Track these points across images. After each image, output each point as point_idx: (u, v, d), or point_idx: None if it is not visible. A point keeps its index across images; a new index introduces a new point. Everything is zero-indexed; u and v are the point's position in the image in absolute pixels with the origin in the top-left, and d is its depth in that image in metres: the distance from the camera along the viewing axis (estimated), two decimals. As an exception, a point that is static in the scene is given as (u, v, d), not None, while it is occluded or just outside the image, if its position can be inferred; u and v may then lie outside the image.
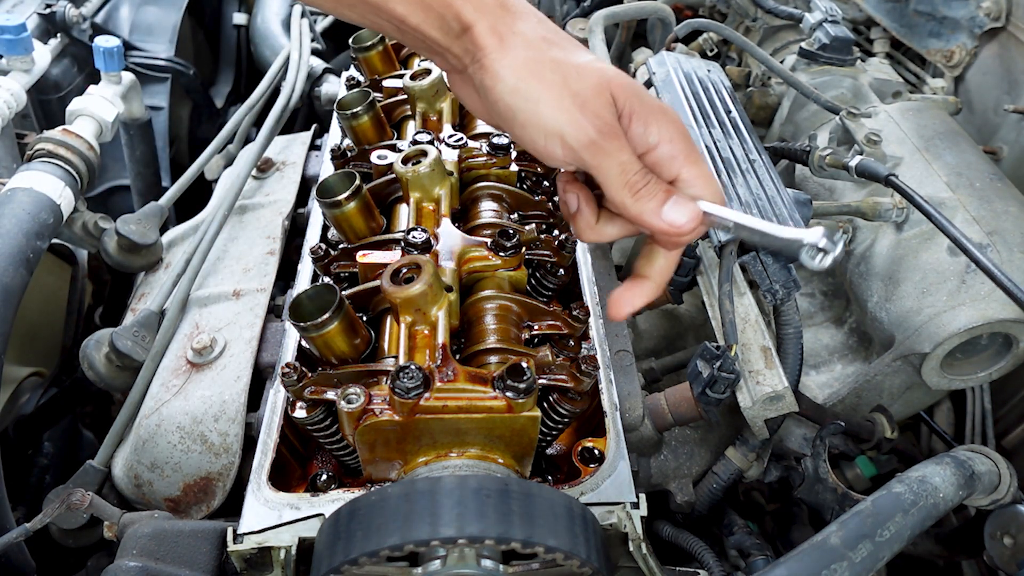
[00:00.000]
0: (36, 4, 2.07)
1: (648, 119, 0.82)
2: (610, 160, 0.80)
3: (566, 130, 0.78)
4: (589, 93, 0.79)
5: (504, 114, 0.81)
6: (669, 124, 0.83)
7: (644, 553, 0.97)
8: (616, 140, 0.80)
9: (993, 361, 1.36)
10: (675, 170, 0.83)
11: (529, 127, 0.80)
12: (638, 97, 0.82)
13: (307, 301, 0.99)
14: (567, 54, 0.81)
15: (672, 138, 0.82)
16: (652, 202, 0.81)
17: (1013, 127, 1.84)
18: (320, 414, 1.01)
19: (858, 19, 2.22)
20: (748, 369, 1.19)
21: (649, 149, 0.82)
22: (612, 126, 0.80)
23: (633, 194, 0.81)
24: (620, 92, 0.81)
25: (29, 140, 1.61)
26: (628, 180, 0.80)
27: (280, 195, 1.62)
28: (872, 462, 1.41)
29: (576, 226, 0.89)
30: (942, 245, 1.37)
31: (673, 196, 0.82)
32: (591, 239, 0.89)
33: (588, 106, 0.79)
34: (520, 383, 0.91)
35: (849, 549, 0.95)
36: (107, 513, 1.10)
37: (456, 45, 0.80)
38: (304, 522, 0.97)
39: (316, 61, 2.12)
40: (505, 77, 0.79)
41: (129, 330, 1.31)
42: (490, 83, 0.80)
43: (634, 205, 0.81)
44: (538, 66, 0.79)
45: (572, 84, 0.79)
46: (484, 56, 0.79)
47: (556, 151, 0.80)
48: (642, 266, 0.90)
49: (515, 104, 0.79)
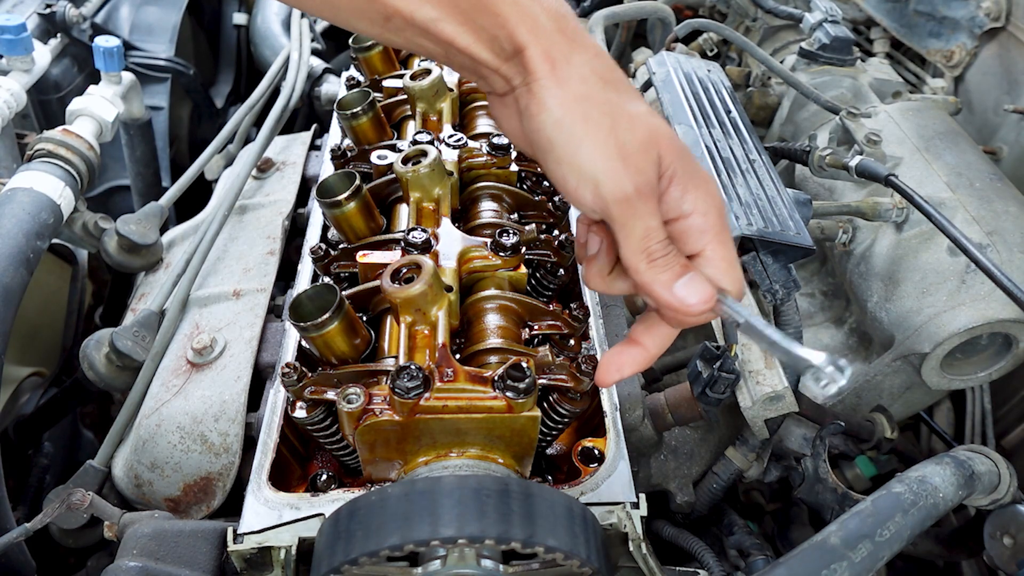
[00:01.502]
0: (36, 4, 2.07)
1: (688, 185, 0.78)
2: (637, 222, 0.76)
3: (602, 179, 0.74)
4: (636, 146, 0.75)
5: (542, 145, 0.77)
6: (708, 196, 0.79)
7: (644, 553, 0.97)
8: (650, 202, 0.76)
9: (993, 361, 1.36)
10: (701, 244, 0.79)
11: (564, 165, 0.76)
12: (683, 160, 0.78)
13: (307, 301, 0.99)
14: (622, 99, 0.77)
15: (707, 211, 0.79)
16: (666, 274, 0.77)
17: (1013, 127, 1.85)
18: (320, 414, 1.01)
19: (858, 19, 2.22)
20: (748, 369, 1.19)
21: (681, 216, 0.78)
22: (651, 186, 0.76)
23: (649, 261, 0.77)
24: (667, 152, 0.76)
25: (29, 140, 1.61)
26: (648, 247, 0.76)
27: (280, 195, 1.62)
28: (872, 462, 1.41)
29: (587, 271, 0.86)
30: (942, 245, 1.37)
31: (689, 273, 0.78)
32: (598, 288, 0.86)
33: (632, 160, 0.74)
34: (520, 383, 0.91)
35: (849, 549, 0.95)
36: (107, 513, 1.10)
37: (506, 67, 0.76)
38: (304, 522, 0.97)
39: (316, 61, 2.12)
40: (552, 108, 0.74)
41: (129, 330, 1.31)
42: (535, 111, 0.75)
43: (647, 272, 0.77)
44: (588, 105, 0.75)
45: (620, 133, 0.74)
46: (534, 81, 0.75)
47: (586, 197, 0.76)
48: (640, 333, 0.86)
49: (556, 138, 0.75)
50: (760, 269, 1.26)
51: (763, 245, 1.26)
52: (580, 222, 0.86)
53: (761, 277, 1.26)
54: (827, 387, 0.73)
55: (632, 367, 0.87)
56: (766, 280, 1.25)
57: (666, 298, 0.77)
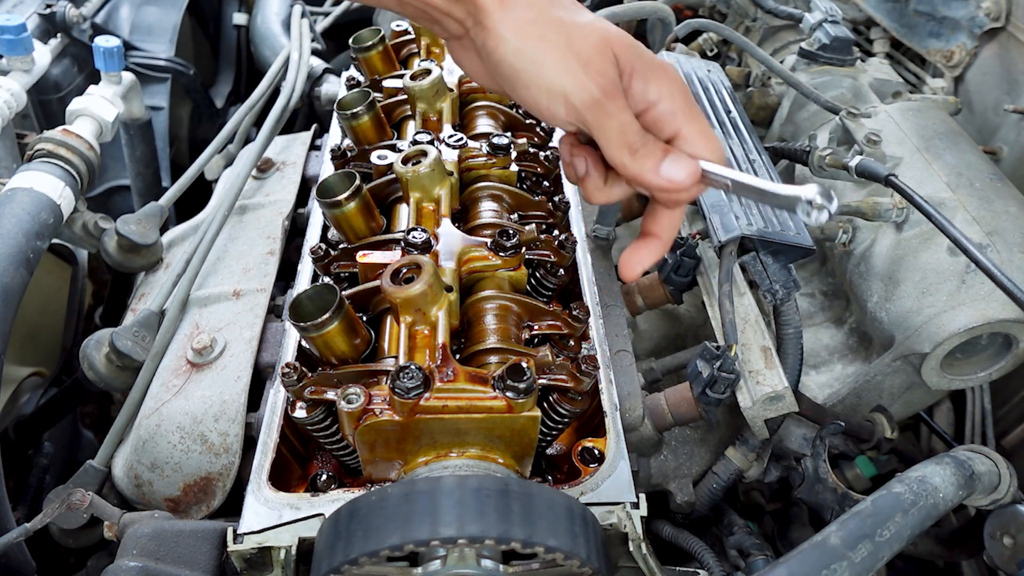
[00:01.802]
0: (36, 4, 2.07)
1: (648, 76, 0.82)
2: (611, 120, 0.80)
3: (570, 90, 0.79)
4: (592, 52, 0.80)
5: (507, 75, 0.81)
6: (669, 81, 0.84)
7: (644, 553, 0.97)
8: (617, 99, 0.81)
9: (993, 361, 1.36)
10: (675, 126, 0.84)
11: (533, 87, 0.80)
12: (639, 55, 0.83)
13: (307, 301, 0.99)
14: (569, 13, 0.82)
15: (672, 95, 0.83)
16: (650, 160, 0.82)
17: (1013, 127, 1.84)
18: (320, 414, 1.01)
19: (858, 19, 2.22)
20: (748, 369, 1.19)
21: (649, 106, 0.83)
22: (615, 85, 0.81)
23: (632, 154, 0.82)
24: (622, 50, 0.82)
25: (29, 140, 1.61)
26: (627, 140, 0.81)
27: (280, 195, 1.62)
28: (872, 462, 1.41)
29: (585, 189, 0.90)
30: (942, 245, 1.37)
31: (671, 154, 0.83)
32: (600, 200, 0.90)
33: (592, 65, 0.79)
34: (520, 383, 0.91)
35: (849, 549, 0.95)
36: (107, 513, 1.10)
37: (457, 8, 0.80)
38: (304, 522, 0.97)
39: (316, 61, 2.12)
40: (508, 38, 0.79)
41: (129, 330, 1.31)
42: (492, 44, 0.80)
43: (633, 164, 0.82)
44: (541, 26, 0.79)
45: (575, 44, 0.79)
46: (485, 17, 0.79)
47: (559, 111, 0.80)
48: (649, 224, 0.91)
49: (518, 65, 0.79)
50: (760, 269, 1.26)
51: (763, 245, 1.27)
52: (562, 145, 0.90)
53: (761, 277, 1.26)
54: (820, 216, 0.77)
55: (651, 257, 0.92)
56: (766, 280, 1.25)
57: (656, 182, 0.82)
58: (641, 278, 1.41)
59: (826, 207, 0.77)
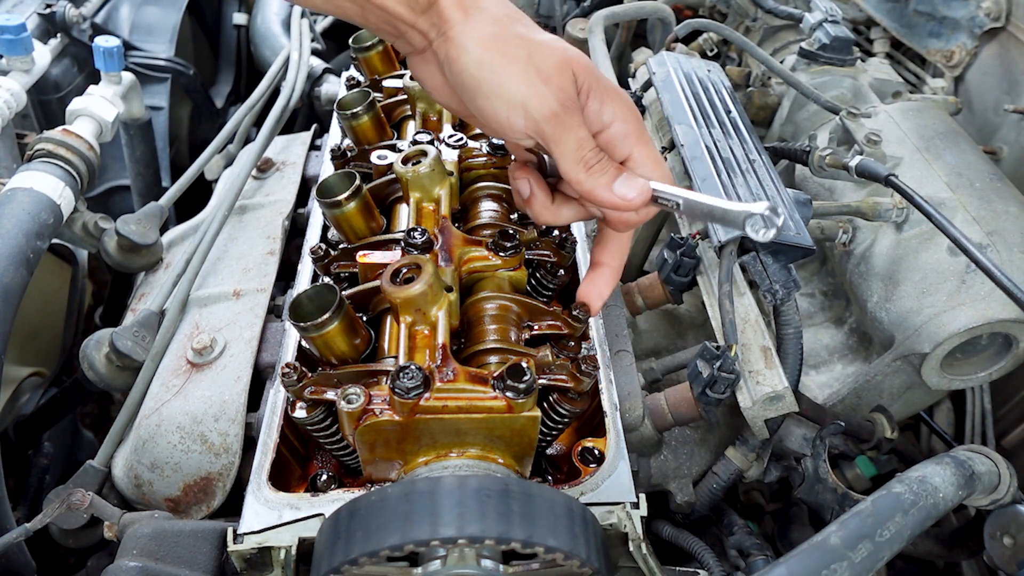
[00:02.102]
0: (36, 4, 2.07)
1: (604, 98, 0.85)
2: (569, 135, 0.82)
3: (529, 101, 0.81)
4: (552, 69, 0.82)
5: (468, 85, 0.83)
6: (623, 105, 0.87)
7: (644, 553, 0.97)
8: (576, 115, 0.83)
9: (993, 361, 1.36)
10: (627, 149, 0.87)
11: (492, 98, 0.82)
12: (596, 77, 0.85)
13: (307, 301, 0.99)
14: (530, 31, 0.84)
15: (626, 118, 0.86)
16: (604, 177, 0.84)
17: (1013, 127, 1.84)
18: (320, 414, 1.01)
19: (858, 19, 2.22)
20: (748, 369, 1.19)
21: (603, 128, 0.86)
22: (573, 101, 0.83)
23: (587, 169, 0.84)
24: (580, 70, 0.84)
25: (29, 140, 1.61)
26: (583, 156, 0.84)
27: (280, 195, 1.62)
28: (872, 462, 1.41)
29: (532, 210, 0.93)
30: (942, 245, 1.37)
31: (624, 173, 0.86)
32: (548, 221, 0.93)
33: (552, 80, 0.82)
34: (520, 383, 0.91)
35: (849, 549, 0.95)
36: (107, 513, 1.10)
37: (422, 20, 0.82)
38: (304, 522, 0.97)
39: (316, 61, 2.13)
40: (470, 49, 0.81)
41: (129, 330, 1.31)
42: (455, 54, 0.82)
43: (587, 180, 0.84)
44: (503, 40, 0.82)
45: (536, 59, 0.82)
46: (449, 28, 0.82)
47: (518, 122, 0.82)
48: (598, 253, 0.95)
49: (480, 75, 0.81)
50: (760, 269, 1.26)
51: (763, 245, 1.27)
52: (510, 170, 0.93)
53: (761, 277, 1.26)
54: (767, 233, 0.79)
55: (608, 286, 0.97)
56: (766, 280, 1.25)
57: (609, 198, 0.85)
58: (641, 278, 1.41)
59: (774, 223, 0.78)
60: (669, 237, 1.33)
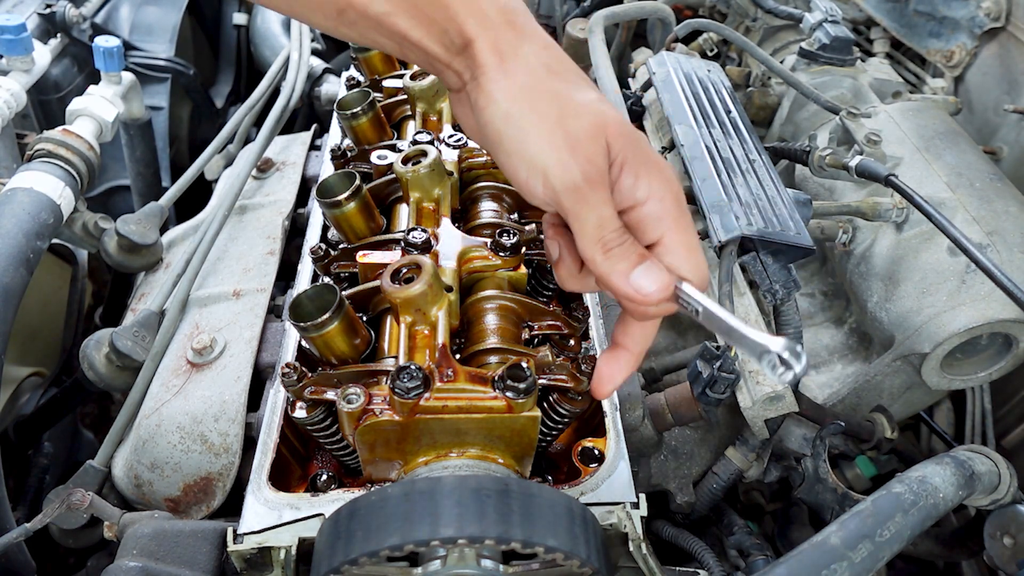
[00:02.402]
0: (36, 4, 2.07)
1: (640, 171, 0.76)
2: (589, 211, 0.75)
3: (551, 169, 0.73)
4: (583, 134, 0.74)
5: (492, 138, 0.77)
6: (663, 181, 0.77)
7: (644, 553, 0.97)
8: (601, 191, 0.75)
9: (993, 361, 1.36)
10: (659, 232, 0.77)
11: (514, 156, 0.76)
12: (635, 146, 0.77)
13: (307, 301, 0.99)
14: (569, 88, 0.76)
15: (663, 197, 0.77)
16: (622, 264, 0.76)
17: (1013, 127, 1.84)
18: (320, 414, 1.01)
19: (858, 19, 2.22)
20: (748, 369, 1.19)
21: (636, 204, 0.77)
22: (601, 174, 0.75)
23: (605, 252, 0.76)
24: (616, 138, 0.76)
25: (29, 140, 1.61)
26: (603, 236, 0.75)
27: (280, 195, 1.62)
28: (872, 462, 1.41)
29: (558, 274, 0.85)
30: (942, 245, 1.37)
31: (646, 261, 0.76)
32: (573, 288, 0.85)
33: (579, 148, 0.74)
34: (520, 383, 0.91)
35: (849, 549, 0.95)
36: (107, 513, 1.10)
37: (457, 61, 0.76)
38: (304, 522, 0.97)
39: (316, 61, 2.12)
40: (499, 100, 0.75)
41: (129, 330, 1.31)
42: (483, 104, 0.76)
43: (603, 263, 0.76)
44: (535, 95, 0.75)
45: (568, 121, 0.74)
46: (482, 75, 0.75)
47: (537, 188, 0.75)
48: (620, 335, 0.85)
49: (504, 130, 0.75)
50: (760, 269, 1.26)
51: (763, 245, 1.27)
52: (544, 223, 0.85)
53: (761, 277, 1.26)
54: (784, 375, 0.70)
55: (623, 372, 0.86)
56: (766, 280, 1.25)
57: (624, 288, 0.76)
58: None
59: (792, 367, 0.70)
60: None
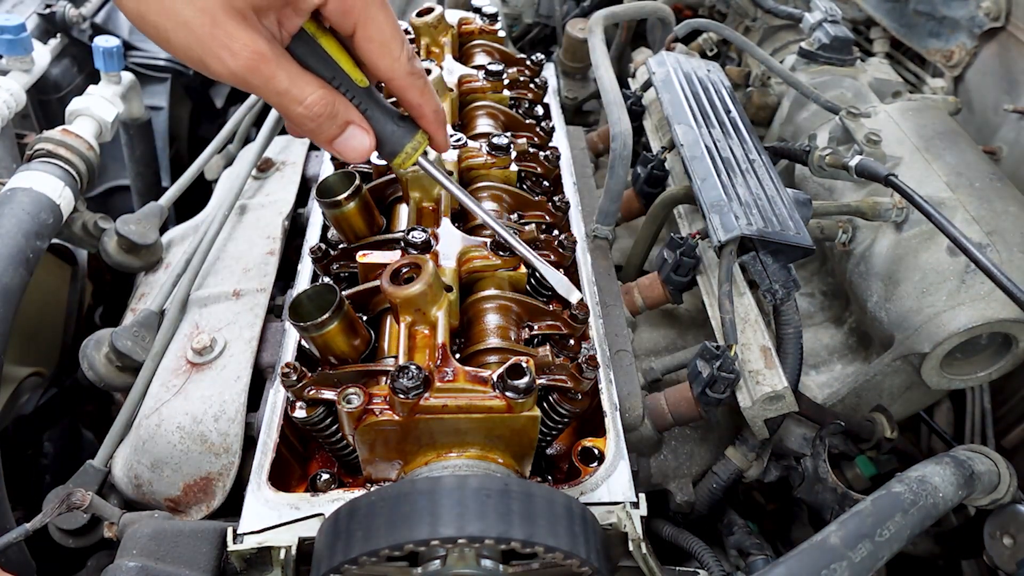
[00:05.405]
0: (36, 4, 2.07)
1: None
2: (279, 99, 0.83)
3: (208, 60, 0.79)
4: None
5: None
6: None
7: (644, 553, 0.97)
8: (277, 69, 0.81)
9: (993, 361, 1.36)
10: (350, 25, 0.84)
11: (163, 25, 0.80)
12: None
13: (307, 301, 0.99)
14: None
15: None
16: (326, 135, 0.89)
17: (1013, 127, 1.84)
18: (320, 414, 1.01)
19: (858, 19, 2.22)
20: (748, 369, 1.19)
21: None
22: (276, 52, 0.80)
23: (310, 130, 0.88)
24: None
25: (29, 140, 1.61)
26: (300, 122, 0.86)
27: (280, 195, 1.62)
28: (872, 462, 1.41)
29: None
30: (942, 245, 1.37)
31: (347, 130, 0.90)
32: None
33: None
34: (520, 383, 0.91)
35: (849, 549, 0.95)
36: (107, 513, 1.10)
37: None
38: (304, 522, 0.97)
39: (316, 61, 2.12)
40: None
41: (129, 330, 1.31)
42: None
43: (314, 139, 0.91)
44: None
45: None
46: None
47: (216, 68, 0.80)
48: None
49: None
50: (760, 269, 1.26)
51: (763, 245, 1.27)
52: None
53: (761, 277, 1.26)
54: None
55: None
56: (766, 280, 1.25)
57: (331, 151, 0.90)
58: (641, 278, 1.41)
59: None
60: (669, 236, 1.33)
